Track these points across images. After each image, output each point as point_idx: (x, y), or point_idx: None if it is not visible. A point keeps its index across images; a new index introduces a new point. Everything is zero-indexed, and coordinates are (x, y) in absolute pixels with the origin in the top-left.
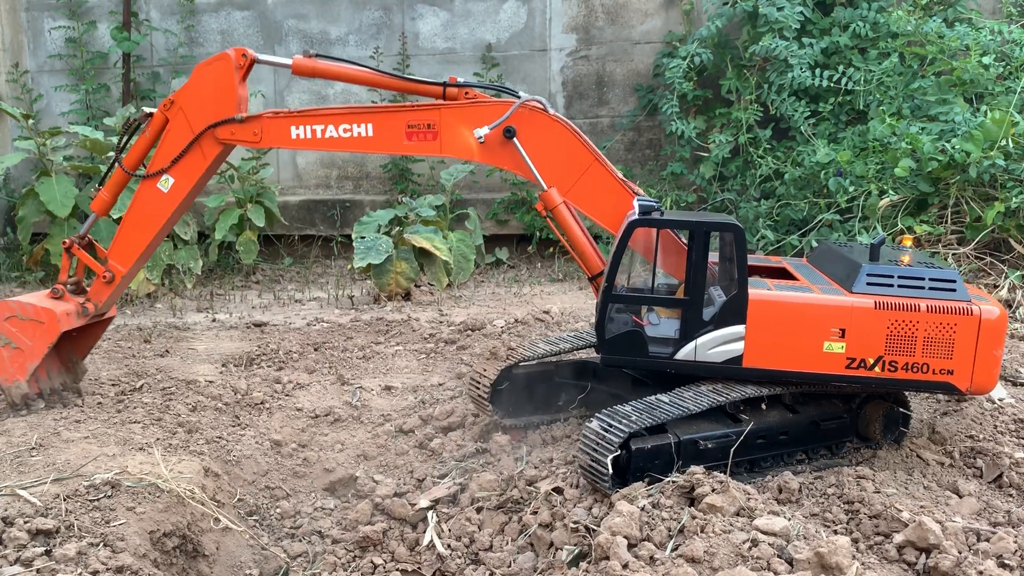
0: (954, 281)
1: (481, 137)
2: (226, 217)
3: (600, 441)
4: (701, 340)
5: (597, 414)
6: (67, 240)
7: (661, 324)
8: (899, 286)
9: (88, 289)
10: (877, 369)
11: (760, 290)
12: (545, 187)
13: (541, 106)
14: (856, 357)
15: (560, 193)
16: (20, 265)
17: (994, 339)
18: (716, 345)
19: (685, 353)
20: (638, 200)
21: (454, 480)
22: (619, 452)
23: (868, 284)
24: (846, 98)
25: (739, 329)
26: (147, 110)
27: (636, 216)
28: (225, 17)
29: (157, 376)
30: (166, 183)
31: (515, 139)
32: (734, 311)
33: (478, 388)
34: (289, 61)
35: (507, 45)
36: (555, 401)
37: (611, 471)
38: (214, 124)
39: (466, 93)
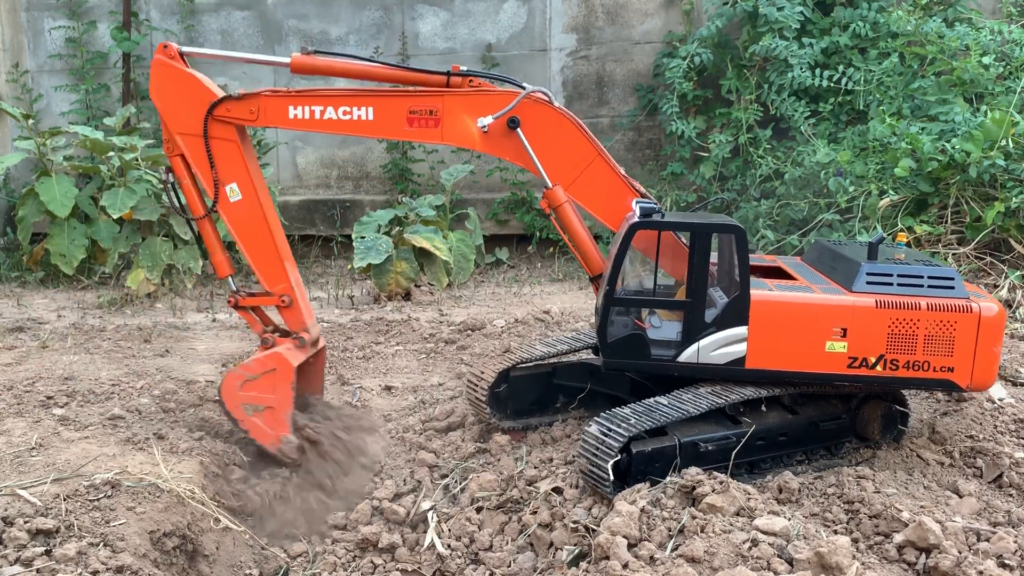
0: (952, 279)
1: (484, 126)
2: None
3: (600, 446)
4: (703, 342)
5: (596, 418)
6: (231, 299)
7: (663, 327)
8: (899, 284)
9: (287, 325)
10: (879, 368)
11: (762, 291)
12: (549, 183)
13: (546, 98)
14: (858, 356)
15: (561, 188)
16: (20, 265)
17: (993, 336)
18: (719, 347)
19: (688, 355)
20: (638, 202)
21: (454, 480)
22: (619, 456)
23: (868, 283)
24: (846, 98)
25: (741, 330)
26: (164, 166)
27: (636, 218)
28: (225, 17)
29: (157, 376)
30: (234, 191)
31: (519, 130)
32: (736, 312)
33: (476, 391)
34: (287, 60)
35: (507, 45)
36: (553, 403)
37: (612, 476)
38: (210, 109)
39: (470, 82)
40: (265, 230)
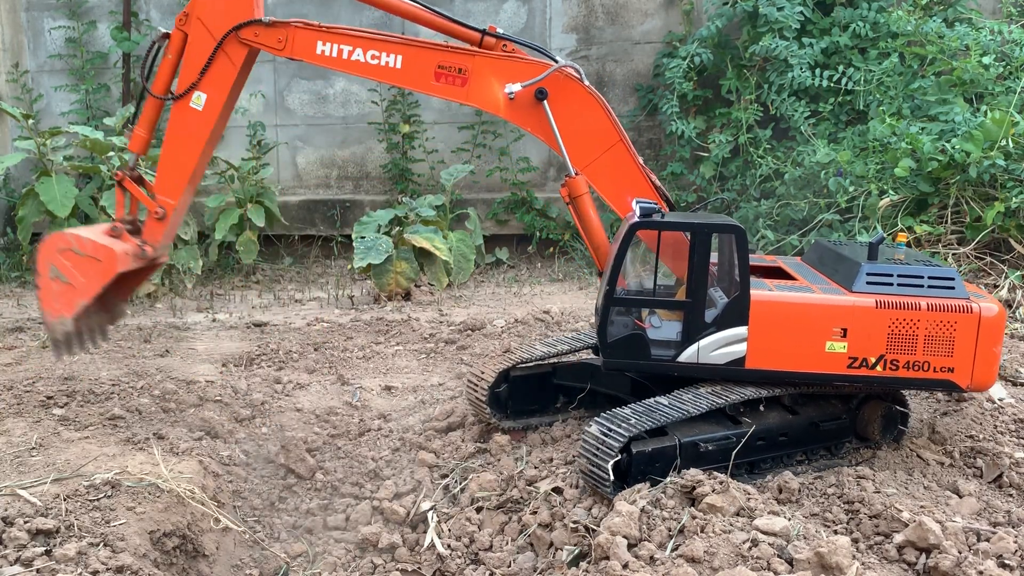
0: (952, 279)
1: (511, 93)
2: (226, 217)
3: (600, 446)
4: (703, 342)
5: (596, 418)
6: (118, 172)
7: (663, 327)
8: (899, 285)
9: (143, 229)
10: (879, 368)
11: (762, 291)
12: (572, 170)
13: (577, 75)
14: (858, 356)
15: (578, 167)
16: (20, 265)
17: (993, 336)
18: (719, 347)
19: (688, 355)
20: (638, 202)
21: (454, 480)
22: (620, 456)
23: (868, 283)
24: (846, 98)
25: (741, 331)
26: (163, 30)
27: (636, 218)
28: None
29: (157, 376)
30: (199, 100)
31: (545, 103)
32: (736, 312)
33: (476, 391)
34: None
35: None
36: (553, 403)
37: (612, 477)
38: (237, 26)
39: (504, 46)
40: (195, 147)
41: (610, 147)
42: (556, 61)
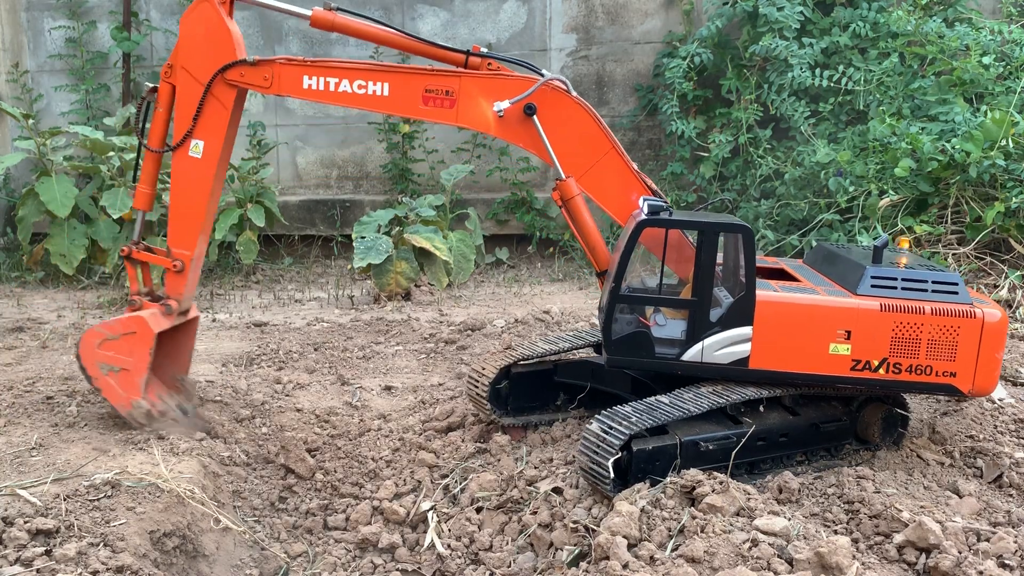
0: (956, 284)
1: (500, 111)
2: (226, 217)
3: (601, 443)
4: (708, 341)
5: (597, 416)
6: (124, 248)
7: (667, 325)
8: (903, 288)
9: (164, 291)
10: (882, 371)
11: (767, 291)
12: (562, 174)
13: (564, 86)
14: (861, 359)
15: (573, 177)
16: (20, 265)
17: (996, 342)
18: (723, 347)
19: (692, 354)
20: (645, 200)
21: (454, 480)
22: (620, 455)
23: (872, 286)
24: (846, 98)
25: (746, 331)
26: (150, 85)
27: (644, 216)
28: None
29: None
30: (197, 148)
31: (535, 117)
32: (741, 312)
33: (477, 387)
34: (307, 12)
35: (507, 45)
36: (554, 401)
37: (612, 474)
38: (222, 68)
39: (488, 64)
40: (201, 195)
41: (603, 155)
42: (542, 75)
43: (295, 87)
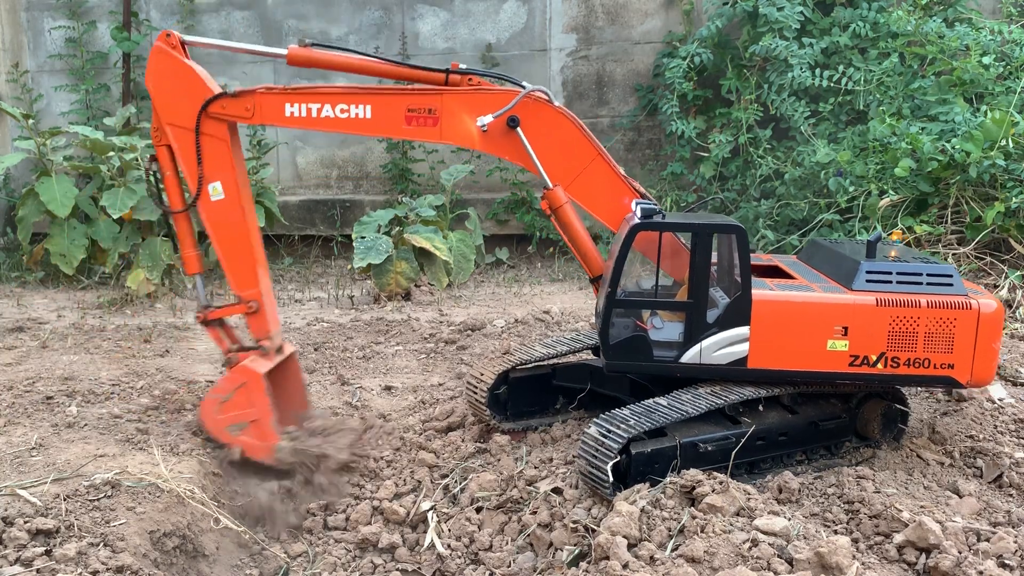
0: (951, 276)
1: (483, 125)
2: None
3: (599, 447)
4: (706, 343)
5: (595, 419)
6: (199, 315)
7: (664, 328)
8: (898, 283)
9: (252, 336)
10: (880, 366)
11: (763, 290)
12: (549, 183)
13: (546, 97)
14: (859, 354)
15: (562, 188)
16: (20, 265)
17: (992, 332)
18: (721, 347)
19: (690, 356)
20: (638, 203)
21: (454, 480)
22: (619, 458)
23: (867, 281)
24: (846, 98)
25: (743, 331)
26: (149, 155)
27: (638, 220)
28: (225, 17)
29: (157, 376)
30: (216, 190)
31: (518, 129)
32: (738, 312)
33: (475, 393)
34: (283, 51)
35: (507, 45)
36: (553, 404)
37: (612, 478)
38: (203, 107)
39: (469, 80)
40: (243, 233)
41: (589, 163)
42: (523, 87)
43: (277, 115)
